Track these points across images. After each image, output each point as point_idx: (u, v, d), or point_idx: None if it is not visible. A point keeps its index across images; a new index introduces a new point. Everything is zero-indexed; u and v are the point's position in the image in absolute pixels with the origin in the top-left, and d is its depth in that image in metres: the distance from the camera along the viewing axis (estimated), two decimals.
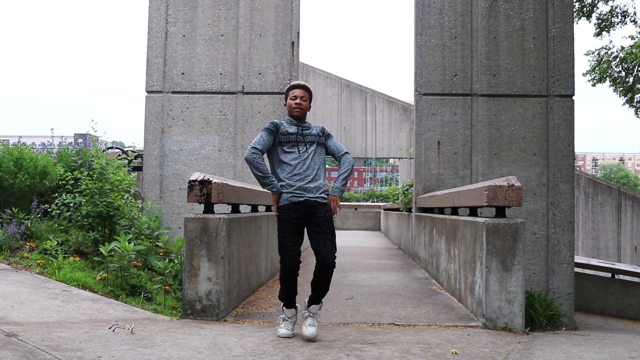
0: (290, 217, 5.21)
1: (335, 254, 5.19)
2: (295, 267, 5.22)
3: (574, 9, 19.56)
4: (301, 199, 5.23)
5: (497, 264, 5.96)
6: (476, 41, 10.35)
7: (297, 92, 5.49)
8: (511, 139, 10.17)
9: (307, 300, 5.38)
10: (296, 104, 5.44)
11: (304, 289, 5.94)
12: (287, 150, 5.33)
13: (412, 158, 16.99)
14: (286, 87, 5.68)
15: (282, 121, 5.45)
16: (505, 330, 5.82)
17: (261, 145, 5.26)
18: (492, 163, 10.18)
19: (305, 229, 5.30)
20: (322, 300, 5.37)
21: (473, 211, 7.32)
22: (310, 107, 5.56)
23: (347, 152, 5.52)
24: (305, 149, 5.34)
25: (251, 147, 5.24)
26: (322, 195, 5.29)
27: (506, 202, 6.07)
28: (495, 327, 5.87)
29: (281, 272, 5.30)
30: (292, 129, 5.37)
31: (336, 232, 5.39)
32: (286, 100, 5.56)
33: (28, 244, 7.68)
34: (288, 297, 5.37)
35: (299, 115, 5.45)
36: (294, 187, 5.24)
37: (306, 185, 5.25)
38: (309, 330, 5.16)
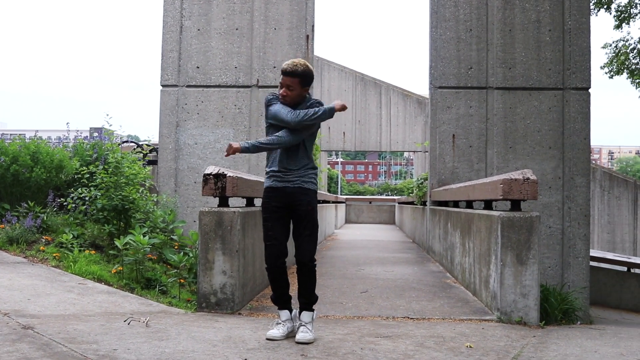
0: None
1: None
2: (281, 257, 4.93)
3: (592, 0, 19.41)
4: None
5: (512, 258, 5.94)
6: (492, 34, 10.29)
7: (285, 80, 4.88)
8: (526, 132, 10.11)
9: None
10: (281, 95, 4.92)
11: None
12: None
13: (426, 151, 16.94)
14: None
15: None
16: (520, 324, 5.80)
17: None
18: (508, 156, 10.13)
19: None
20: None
21: (488, 205, 7.30)
22: (302, 93, 4.93)
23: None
24: None
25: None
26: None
27: (521, 196, 6.04)
28: (510, 321, 5.86)
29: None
30: None
31: (351, 225, 5.19)
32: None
33: (44, 237, 7.74)
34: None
35: (288, 105, 4.93)
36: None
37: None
38: (299, 335, 4.77)
